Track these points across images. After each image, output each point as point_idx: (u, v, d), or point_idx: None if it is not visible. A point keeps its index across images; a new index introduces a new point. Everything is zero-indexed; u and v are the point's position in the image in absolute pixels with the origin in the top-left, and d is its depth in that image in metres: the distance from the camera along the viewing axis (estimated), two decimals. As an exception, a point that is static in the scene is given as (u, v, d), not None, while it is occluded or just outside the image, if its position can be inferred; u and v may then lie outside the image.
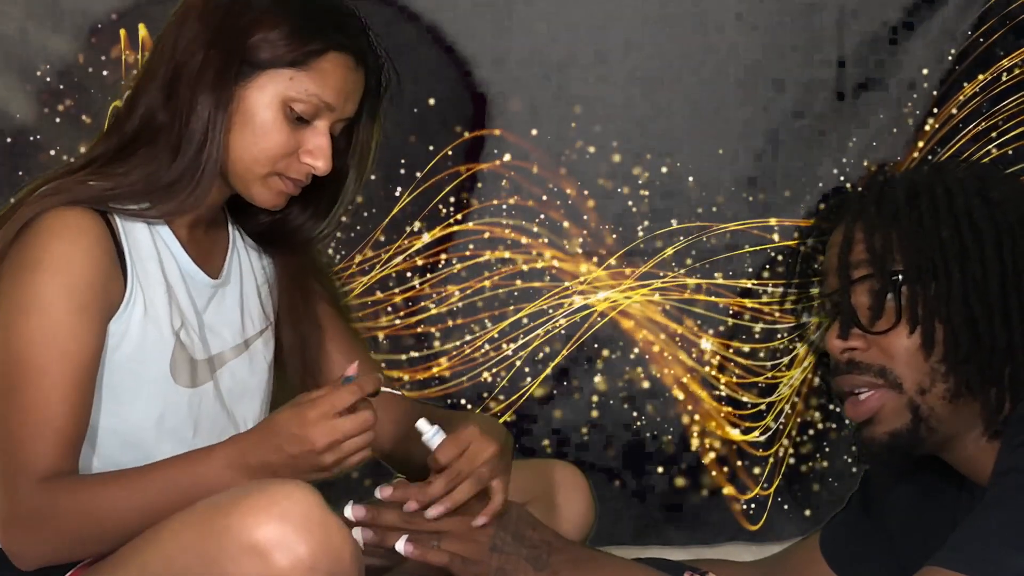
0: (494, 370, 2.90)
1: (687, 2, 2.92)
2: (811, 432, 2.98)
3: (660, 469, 2.94)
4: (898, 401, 1.74)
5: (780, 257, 2.96)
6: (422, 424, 1.76)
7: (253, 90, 1.75)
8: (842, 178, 2.97)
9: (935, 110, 2.97)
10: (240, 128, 1.75)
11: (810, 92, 2.96)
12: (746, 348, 2.96)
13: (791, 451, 2.97)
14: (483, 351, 2.90)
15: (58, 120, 2.70)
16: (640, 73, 2.92)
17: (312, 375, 1.91)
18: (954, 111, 2.98)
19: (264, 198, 1.79)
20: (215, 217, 1.86)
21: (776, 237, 2.97)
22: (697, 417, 2.95)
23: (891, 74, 2.97)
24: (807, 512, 2.98)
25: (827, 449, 2.99)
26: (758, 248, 2.97)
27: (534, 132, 2.90)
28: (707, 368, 2.95)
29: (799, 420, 2.98)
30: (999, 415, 1.72)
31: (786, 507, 2.97)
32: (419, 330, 2.89)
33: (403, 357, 2.87)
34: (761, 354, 2.97)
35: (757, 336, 2.97)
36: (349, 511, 1.73)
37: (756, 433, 2.96)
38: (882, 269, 1.74)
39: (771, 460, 2.97)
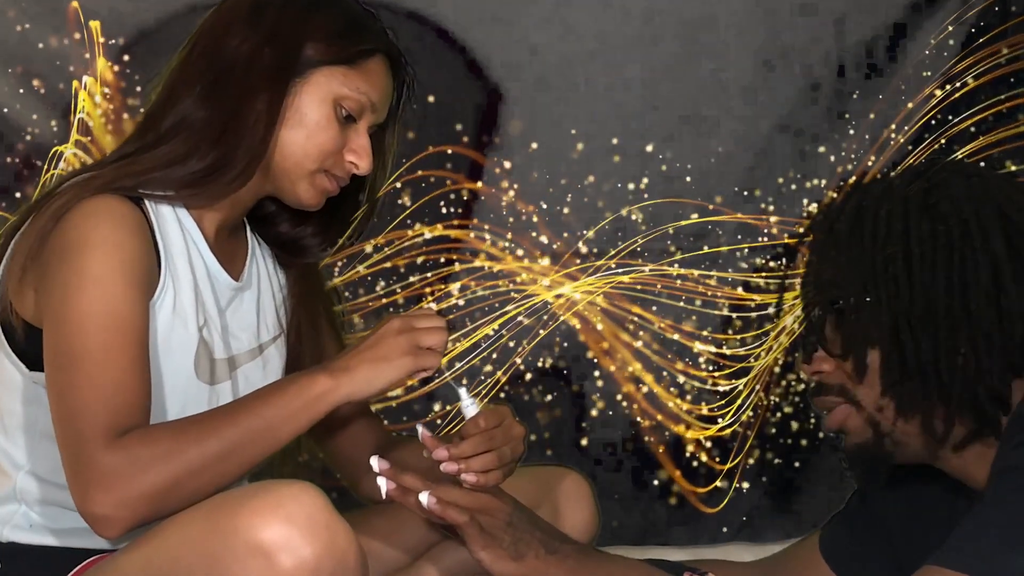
0: (491, 364, 2.90)
1: (688, 2, 2.93)
2: (777, 420, 3.00)
3: (654, 468, 2.95)
4: (858, 417, 1.77)
5: (771, 259, 2.97)
6: (462, 392, 1.79)
7: (307, 86, 1.78)
8: (839, 182, 2.98)
9: (936, 108, 2.98)
10: (292, 124, 1.78)
11: (810, 91, 2.96)
12: (739, 342, 2.97)
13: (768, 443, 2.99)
14: (481, 350, 2.91)
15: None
16: (640, 73, 2.93)
17: None
18: (955, 105, 2.99)
19: (308, 195, 1.82)
20: (238, 223, 1.88)
21: (775, 234, 2.97)
22: (693, 416, 2.95)
23: (891, 73, 2.98)
24: (789, 505, 2.99)
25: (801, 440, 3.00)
26: (756, 245, 2.97)
27: (533, 138, 2.91)
28: (702, 368, 2.96)
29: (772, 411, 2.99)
30: (943, 436, 1.73)
31: (761, 500, 2.98)
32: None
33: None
34: (749, 343, 2.97)
35: (751, 333, 2.97)
36: (375, 462, 1.75)
37: (718, 425, 2.97)
38: (826, 299, 1.77)
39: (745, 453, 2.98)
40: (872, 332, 1.73)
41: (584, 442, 2.94)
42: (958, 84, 2.98)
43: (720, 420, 2.96)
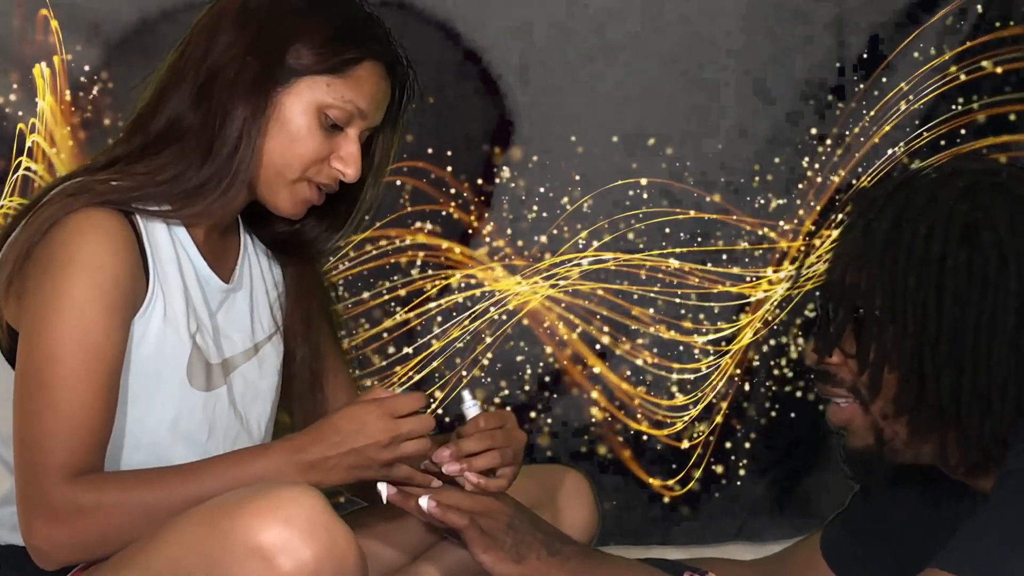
0: (489, 363, 2.91)
1: (687, 2, 2.93)
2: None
3: (653, 468, 2.96)
4: (864, 420, 1.76)
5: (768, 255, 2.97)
6: (465, 393, 1.80)
7: (289, 96, 1.76)
8: (835, 179, 2.98)
9: (937, 105, 2.98)
10: (274, 134, 1.76)
11: (809, 92, 2.96)
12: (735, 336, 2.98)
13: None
14: (481, 349, 2.91)
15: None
16: (639, 73, 2.93)
17: (321, 387, 1.92)
18: (958, 105, 2.99)
19: (287, 205, 1.80)
20: (230, 223, 1.87)
21: (778, 236, 2.97)
22: (690, 416, 2.96)
23: (892, 72, 2.98)
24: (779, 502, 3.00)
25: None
26: (757, 246, 2.97)
27: (532, 138, 2.90)
28: (699, 360, 2.96)
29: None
30: (957, 463, 1.73)
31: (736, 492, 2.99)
32: (418, 324, 2.90)
33: (407, 350, 2.88)
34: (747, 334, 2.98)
35: (746, 323, 2.97)
36: None
37: (712, 425, 2.97)
38: (850, 304, 1.75)
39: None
40: (892, 354, 1.71)
41: (583, 445, 2.94)
42: (971, 74, 2.97)
43: (718, 419, 2.97)
